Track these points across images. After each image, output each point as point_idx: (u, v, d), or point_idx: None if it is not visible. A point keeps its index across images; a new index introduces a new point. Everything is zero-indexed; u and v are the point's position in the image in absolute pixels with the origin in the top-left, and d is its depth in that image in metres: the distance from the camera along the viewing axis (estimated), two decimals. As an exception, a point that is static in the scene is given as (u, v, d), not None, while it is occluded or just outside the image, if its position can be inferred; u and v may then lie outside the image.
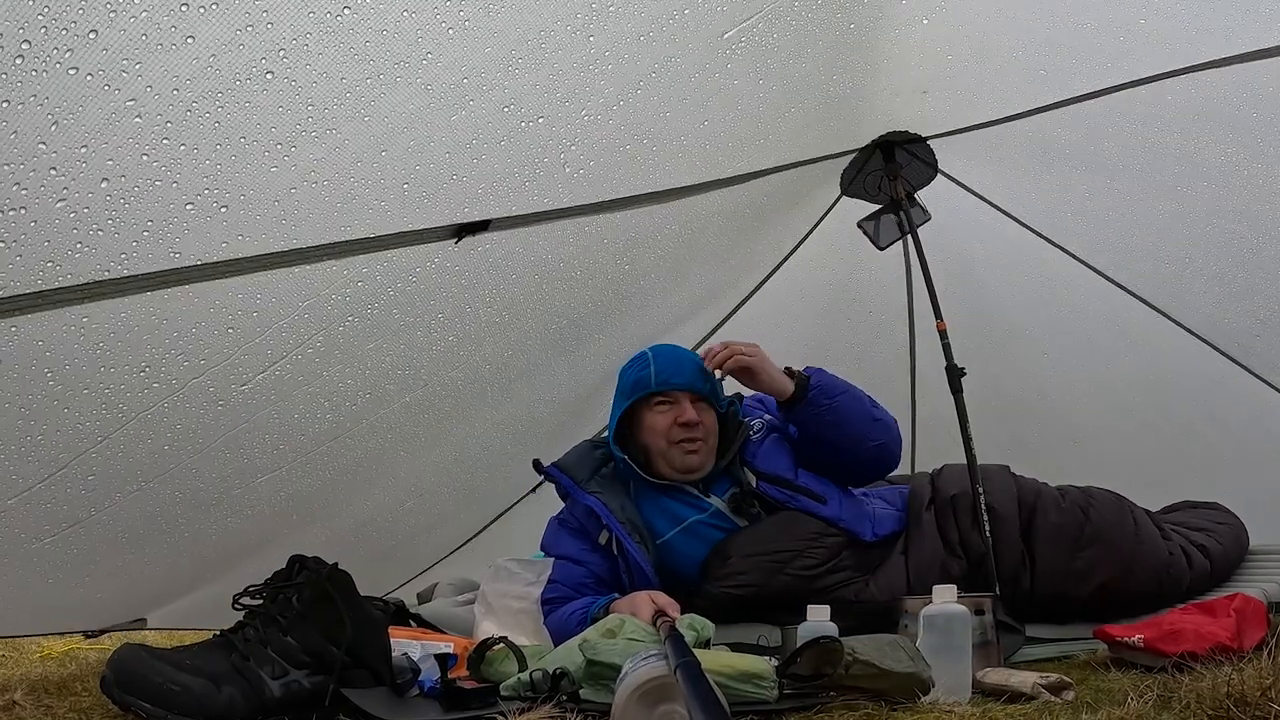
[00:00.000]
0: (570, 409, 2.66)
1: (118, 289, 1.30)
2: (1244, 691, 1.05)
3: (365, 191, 1.43)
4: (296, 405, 1.82)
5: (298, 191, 1.35)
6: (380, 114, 1.31)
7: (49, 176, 1.10)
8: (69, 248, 1.20)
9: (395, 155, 1.40)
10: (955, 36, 1.92)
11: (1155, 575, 1.86)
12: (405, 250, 1.62)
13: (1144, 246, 2.48)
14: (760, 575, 1.91)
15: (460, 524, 3.03)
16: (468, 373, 2.14)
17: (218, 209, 1.28)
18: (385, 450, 2.23)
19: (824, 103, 2.04)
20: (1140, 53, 1.86)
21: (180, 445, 1.70)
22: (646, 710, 1.07)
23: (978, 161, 2.46)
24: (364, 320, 1.73)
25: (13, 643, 2.65)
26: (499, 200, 1.64)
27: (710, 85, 1.69)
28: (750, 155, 2.07)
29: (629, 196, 1.90)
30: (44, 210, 1.12)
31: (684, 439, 2.02)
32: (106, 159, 1.12)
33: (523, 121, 1.49)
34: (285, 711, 1.32)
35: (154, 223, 1.24)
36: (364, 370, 1.87)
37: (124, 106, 1.07)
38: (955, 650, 1.34)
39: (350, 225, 1.48)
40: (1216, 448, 2.85)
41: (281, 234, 1.41)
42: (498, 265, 1.84)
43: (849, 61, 1.91)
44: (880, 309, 3.00)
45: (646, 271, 2.30)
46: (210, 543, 2.11)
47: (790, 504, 2.02)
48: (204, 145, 1.18)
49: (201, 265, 1.36)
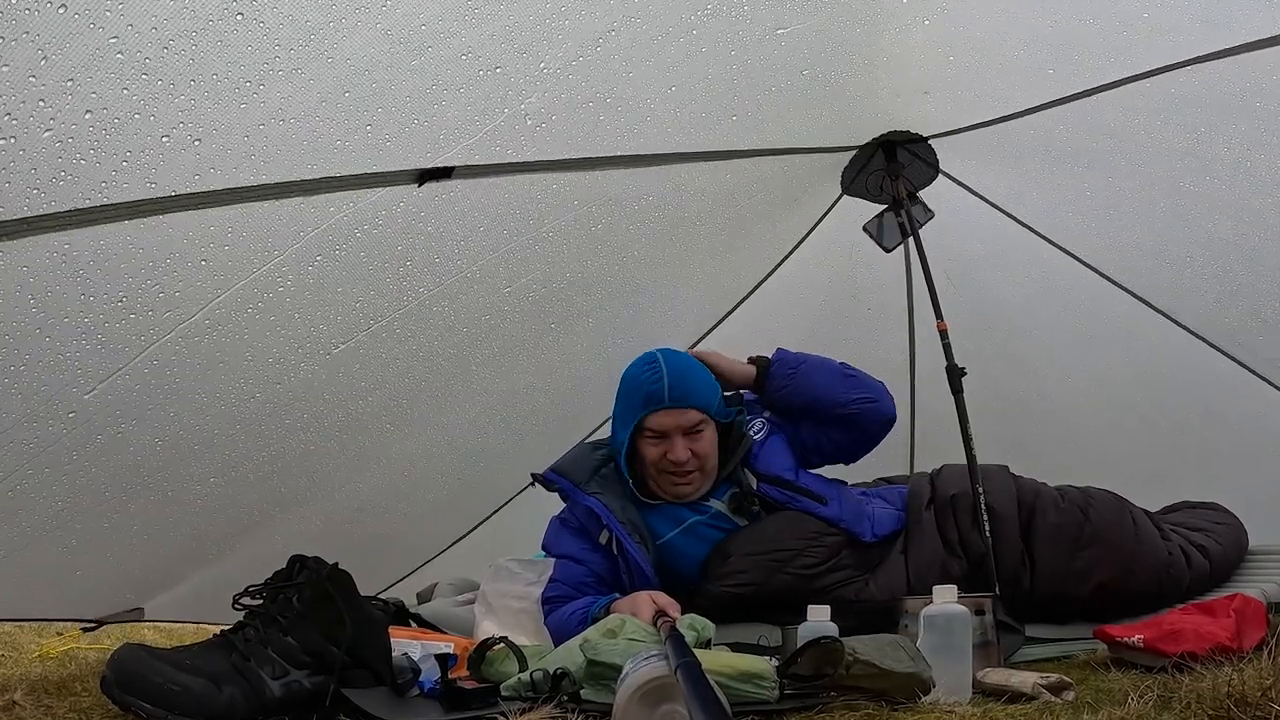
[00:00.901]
0: (566, 400, 2.66)
1: (98, 216, 1.36)
2: (1244, 692, 1.05)
3: (330, 131, 1.48)
4: (270, 349, 1.85)
5: (266, 129, 1.40)
6: (342, 56, 1.36)
7: (37, 107, 1.16)
8: (53, 175, 1.25)
9: (358, 98, 1.45)
10: (957, 36, 1.92)
11: (1155, 575, 1.86)
12: (371, 193, 1.67)
13: (1144, 246, 2.48)
14: (760, 574, 1.91)
15: (458, 516, 3.02)
16: (446, 335, 2.14)
17: (191, 142, 1.34)
18: (370, 419, 2.23)
19: (821, 98, 2.03)
20: (1141, 47, 1.85)
21: (157, 385, 1.73)
22: (648, 710, 1.07)
23: (978, 161, 2.46)
24: (333, 261, 1.76)
25: (12, 642, 2.66)
26: (461, 149, 1.68)
27: (676, 50, 1.71)
28: (730, 133, 2.06)
29: (595, 158, 1.91)
30: (31, 139, 1.19)
31: (672, 471, 1.99)
32: (90, 91, 1.19)
33: (480, 70, 1.53)
34: (286, 712, 1.32)
35: (132, 153, 1.30)
36: (337, 316, 1.89)
37: (107, 43, 1.15)
38: (956, 650, 1.34)
39: (316, 164, 1.53)
40: (1216, 446, 2.86)
41: (251, 169, 1.46)
42: (464, 216, 1.87)
43: (848, 59, 1.91)
44: (880, 309, 3.00)
45: (628, 245, 2.29)
46: (196, 507, 2.11)
47: (791, 505, 2.02)
48: (179, 81, 1.25)
49: (176, 196, 1.41)
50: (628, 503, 2.05)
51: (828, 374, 2.12)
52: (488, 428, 2.58)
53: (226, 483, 2.09)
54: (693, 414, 1.98)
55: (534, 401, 2.61)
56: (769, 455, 2.11)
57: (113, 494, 1.91)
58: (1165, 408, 2.88)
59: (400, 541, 2.89)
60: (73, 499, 1.84)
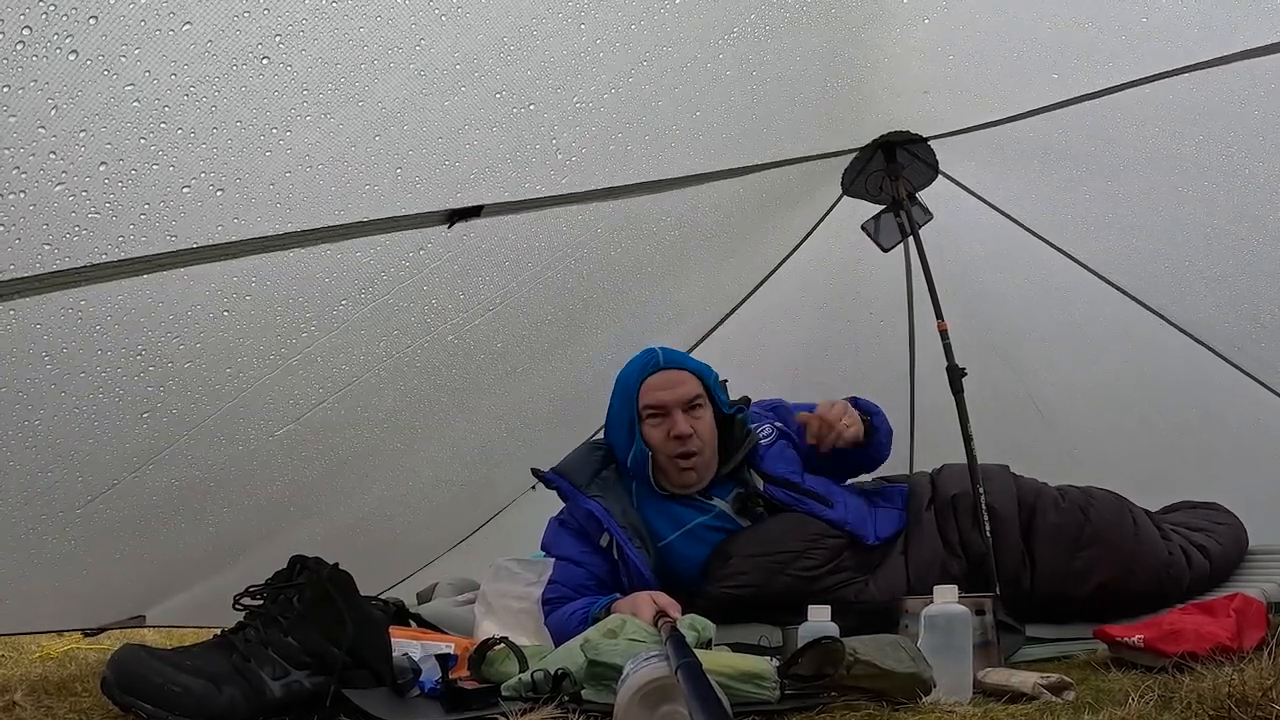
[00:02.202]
0: (569, 404, 2.66)
1: (115, 272, 1.31)
2: (1245, 692, 1.05)
3: (359, 176, 1.45)
4: (291, 392, 1.83)
5: (293, 175, 1.36)
6: (374, 99, 1.32)
7: (48, 160, 1.11)
8: (67, 231, 1.21)
9: (389, 140, 1.41)
10: (957, 37, 1.92)
11: (1155, 575, 1.86)
12: (398, 235, 1.63)
13: (1143, 249, 2.48)
14: (761, 576, 1.91)
15: (459, 520, 3.02)
16: (463, 360, 2.14)
17: (214, 192, 1.29)
18: (382, 442, 2.22)
19: (822, 100, 2.03)
20: (1141, 51, 1.85)
21: (175, 430, 1.71)
22: (648, 711, 1.07)
23: (978, 163, 2.46)
24: (358, 305, 1.74)
25: (13, 643, 2.65)
26: (491, 186, 1.66)
27: (703, 76, 1.70)
28: (746, 149, 2.07)
29: (622, 186, 1.90)
30: (43, 193, 1.14)
31: (679, 453, 2.01)
32: (105, 142, 1.13)
33: (514, 108, 1.50)
34: (286, 712, 1.32)
35: (151, 205, 1.25)
36: (359, 356, 1.88)
37: (123, 91, 1.09)
38: (956, 650, 1.34)
39: (344, 209, 1.50)
40: (1215, 449, 2.86)
41: (277, 218, 1.42)
42: (491, 252, 1.85)
43: (848, 59, 1.91)
44: (880, 309, 3.00)
45: (643, 264, 2.29)
46: (208, 534, 2.10)
47: (796, 507, 2.03)
48: (200, 129, 1.20)
49: (197, 248, 1.37)
50: (629, 505, 2.05)
51: (889, 437, 2.18)
52: (493, 435, 2.58)
53: (239, 511, 2.09)
54: (689, 381, 2.03)
55: (539, 410, 2.61)
56: (777, 458, 2.11)
57: (124, 530, 1.90)
58: (1164, 410, 2.88)
59: (401, 546, 2.89)
60: (85, 536, 1.82)
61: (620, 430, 2.08)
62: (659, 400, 2.01)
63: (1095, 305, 2.69)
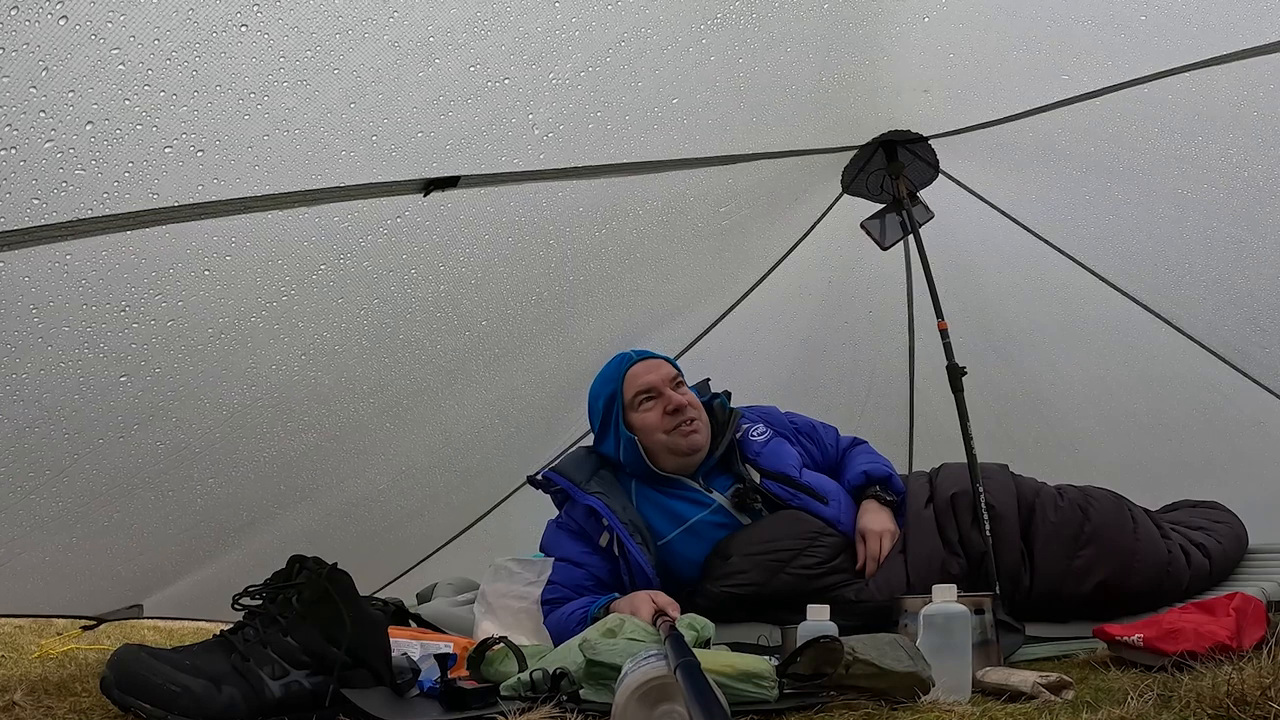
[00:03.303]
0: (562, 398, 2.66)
1: (100, 227, 1.36)
2: (1244, 691, 1.05)
3: (335, 142, 1.48)
4: (273, 356, 1.86)
5: (270, 139, 1.40)
6: (349, 68, 1.36)
7: (38, 119, 1.16)
8: (55, 186, 1.26)
9: (364, 108, 1.45)
10: (956, 35, 1.91)
11: (1154, 574, 1.86)
12: (375, 202, 1.67)
13: (1143, 251, 2.48)
14: (761, 574, 1.91)
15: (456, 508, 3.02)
16: (449, 337, 2.16)
17: (194, 153, 1.34)
18: (370, 419, 2.24)
19: (818, 94, 2.03)
20: (1141, 50, 1.85)
21: (159, 391, 1.73)
22: (647, 710, 1.06)
23: (978, 162, 2.46)
24: (336, 269, 1.76)
25: (12, 643, 2.65)
26: (468, 158, 1.68)
27: (685, 59, 1.71)
28: (734, 137, 2.08)
29: (601, 165, 1.92)
30: (32, 150, 1.19)
31: (681, 421, 2.06)
32: (92, 103, 1.19)
33: (489, 81, 1.53)
34: (285, 712, 1.32)
35: (134, 164, 1.30)
36: (340, 324, 1.90)
37: (109, 54, 1.15)
38: (955, 649, 1.34)
39: (321, 174, 1.53)
40: (1214, 448, 2.86)
41: (255, 179, 1.46)
42: (470, 224, 1.88)
43: (844, 54, 1.91)
44: (880, 308, 3.00)
45: (631, 249, 2.30)
46: (197, 507, 2.12)
47: (792, 502, 2.03)
48: (182, 92, 1.25)
49: (178, 206, 1.41)
50: (628, 503, 2.05)
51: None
52: (485, 422, 2.59)
53: (227, 482, 2.10)
54: (666, 365, 2.14)
55: (531, 398, 2.62)
56: (774, 454, 2.12)
57: (113, 494, 1.91)
58: (1163, 410, 2.89)
59: (397, 534, 2.89)
60: (73, 499, 1.84)
61: (607, 431, 2.11)
62: (648, 383, 2.09)
63: (1095, 305, 2.69)
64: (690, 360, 2.93)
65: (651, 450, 2.08)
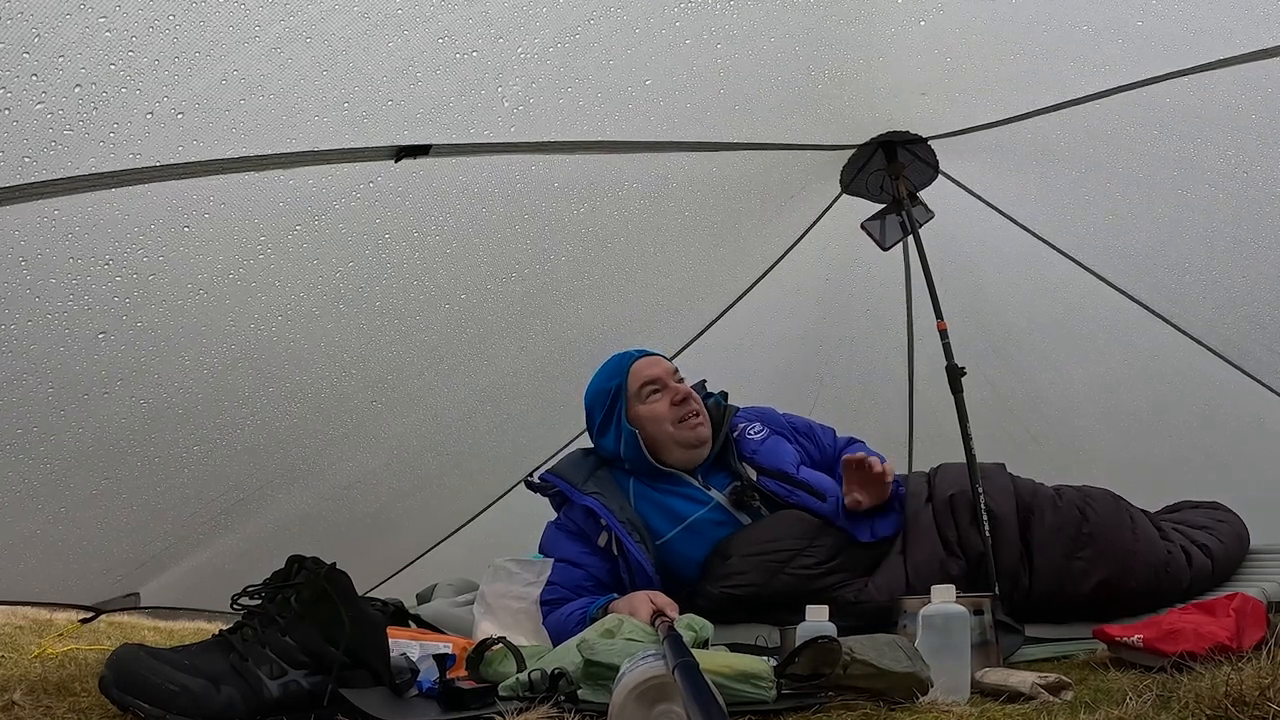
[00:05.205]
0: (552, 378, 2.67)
1: (86, 184, 1.44)
2: (1243, 691, 1.05)
3: (309, 107, 1.55)
4: (251, 315, 1.90)
5: (246, 104, 1.47)
6: (321, 36, 1.42)
7: (30, 82, 1.25)
8: (44, 145, 1.34)
9: (336, 75, 1.51)
10: (953, 38, 1.92)
11: (1153, 574, 1.85)
12: (349, 167, 1.73)
13: (1142, 251, 2.48)
14: (761, 575, 1.91)
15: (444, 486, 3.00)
16: (428, 311, 2.17)
17: (174, 115, 1.42)
18: (355, 392, 2.26)
19: (808, 89, 2.03)
20: (1138, 55, 1.86)
21: (141, 346, 1.78)
22: (644, 710, 1.06)
23: (978, 163, 2.46)
24: (311, 231, 1.81)
25: (12, 643, 2.65)
26: (439, 128, 1.73)
27: (657, 40, 1.74)
28: (714, 124, 2.09)
29: (573, 141, 1.95)
30: (25, 111, 1.27)
31: (688, 411, 2.08)
32: (80, 68, 1.27)
33: (457, 53, 1.58)
34: (284, 712, 1.31)
35: (119, 125, 1.38)
36: (316, 284, 1.93)
37: (96, 22, 1.23)
38: (954, 650, 1.34)
39: (295, 138, 1.60)
40: (1215, 448, 2.86)
41: (231, 142, 1.53)
42: (443, 193, 1.92)
43: (836, 51, 1.92)
44: (879, 308, 3.00)
45: (614, 234, 2.31)
46: (185, 478, 2.13)
47: (790, 499, 2.03)
48: (164, 58, 1.32)
49: (159, 166, 1.49)
50: (626, 503, 2.05)
51: None
52: (475, 409, 2.61)
53: (212, 450, 2.13)
54: (667, 362, 2.18)
55: (520, 385, 2.64)
56: (771, 451, 2.13)
57: (99, 456, 1.95)
58: (1164, 410, 2.89)
59: (389, 518, 2.89)
60: (61, 461, 1.89)
61: (608, 425, 2.11)
62: (652, 375, 2.12)
63: (1095, 305, 2.70)
64: (689, 360, 2.93)
65: (656, 444, 2.08)
